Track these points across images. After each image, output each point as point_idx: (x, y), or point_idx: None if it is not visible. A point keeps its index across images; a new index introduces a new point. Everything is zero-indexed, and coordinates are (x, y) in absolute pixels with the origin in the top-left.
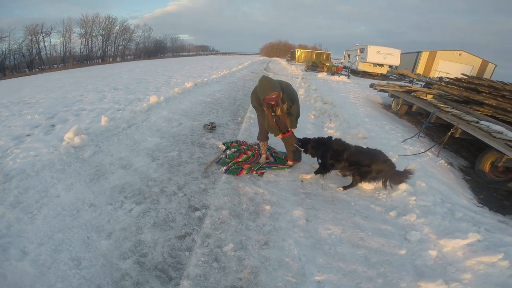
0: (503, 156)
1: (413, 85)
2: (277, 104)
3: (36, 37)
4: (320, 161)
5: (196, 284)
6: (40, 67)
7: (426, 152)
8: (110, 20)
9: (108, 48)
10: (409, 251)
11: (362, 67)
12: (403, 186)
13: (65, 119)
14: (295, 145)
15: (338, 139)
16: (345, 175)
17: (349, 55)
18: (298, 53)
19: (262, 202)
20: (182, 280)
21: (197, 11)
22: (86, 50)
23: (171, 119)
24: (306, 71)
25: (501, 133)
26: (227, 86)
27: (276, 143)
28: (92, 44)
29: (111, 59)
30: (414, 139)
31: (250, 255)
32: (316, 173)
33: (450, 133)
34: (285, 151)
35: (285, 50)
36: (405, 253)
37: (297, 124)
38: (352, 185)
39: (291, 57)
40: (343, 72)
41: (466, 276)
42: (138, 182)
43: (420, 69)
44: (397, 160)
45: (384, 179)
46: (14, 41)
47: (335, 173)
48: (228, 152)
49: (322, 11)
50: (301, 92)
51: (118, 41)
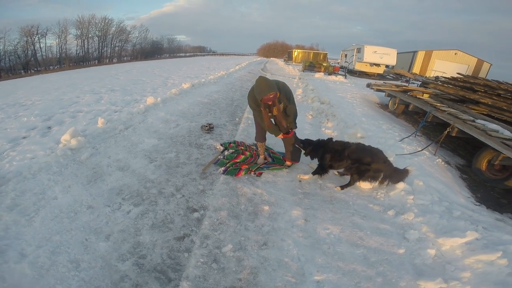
0: (499, 154)
1: (410, 84)
2: (273, 104)
3: (31, 38)
4: (320, 162)
5: (196, 285)
6: (36, 69)
7: (423, 151)
8: (106, 21)
9: (105, 49)
10: (408, 250)
11: (359, 67)
12: (401, 185)
13: (62, 121)
14: (296, 146)
15: (338, 140)
16: (343, 174)
17: (345, 55)
18: (295, 54)
19: (261, 203)
20: (182, 281)
21: (194, 11)
22: (82, 52)
23: (169, 120)
24: (303, 71)
25: (497, 131)
26: (224, 87)
27: (274, 143)
28: (88, 45)
29: (107, 60)
30: (411, 138)
31: (249, 256)
32: (314, 173)
33: (446, 132)
34: (283, 151)
35: (282, 51)
36: (404, 252)
37: (296, 124)
38: (350, 184)
39: (288, 58)
40: (340, 72)
41: (465, 274)
42: (136, 183)
43: (416, 69)
44: (394, 159)
45: (382, 179)
46: (9, 43)
47: (333, 173)
48: (226, 153)
49: (319, 11)
50: (298, 92)
51: (115, 42)
